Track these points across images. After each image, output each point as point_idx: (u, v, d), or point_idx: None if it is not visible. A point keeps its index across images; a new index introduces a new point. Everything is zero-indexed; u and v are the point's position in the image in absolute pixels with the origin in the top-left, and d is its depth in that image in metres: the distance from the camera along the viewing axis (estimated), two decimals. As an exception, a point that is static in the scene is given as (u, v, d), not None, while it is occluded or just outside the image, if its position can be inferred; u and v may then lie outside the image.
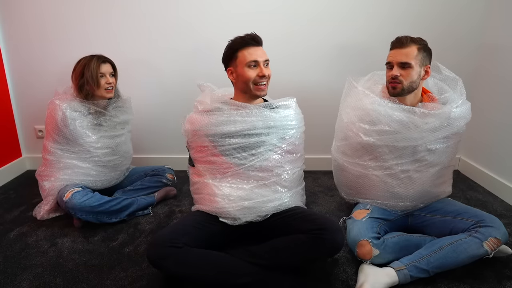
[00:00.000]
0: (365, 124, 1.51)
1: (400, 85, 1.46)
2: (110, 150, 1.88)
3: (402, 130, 1.44)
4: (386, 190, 1.53)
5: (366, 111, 1.50)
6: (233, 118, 1.42)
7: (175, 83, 2.30)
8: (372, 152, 1.52)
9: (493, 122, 2.08)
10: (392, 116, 1.44)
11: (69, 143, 1.79)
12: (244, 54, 1.41)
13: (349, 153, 1.61)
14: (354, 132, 1.54)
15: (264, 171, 1.45)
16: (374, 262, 1.34)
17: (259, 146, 1.44)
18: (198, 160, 1.51)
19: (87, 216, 1.68)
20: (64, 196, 1.68)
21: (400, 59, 1.44)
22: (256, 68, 1.42)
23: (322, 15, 2.15)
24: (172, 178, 2.10)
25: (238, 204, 1.39)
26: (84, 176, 1.82)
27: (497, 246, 1.30)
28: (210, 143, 1.44)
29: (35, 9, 2.21)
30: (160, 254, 1.23)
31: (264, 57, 1.43)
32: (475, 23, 2.14)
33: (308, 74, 2.26)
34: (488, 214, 1.41)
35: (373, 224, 1.46)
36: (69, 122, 1.75)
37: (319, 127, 2.20)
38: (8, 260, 1.49)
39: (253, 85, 1.43)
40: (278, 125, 1.45)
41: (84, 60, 1.79)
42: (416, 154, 1.47)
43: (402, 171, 1.49)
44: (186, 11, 2.18)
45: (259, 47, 1.43)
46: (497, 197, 2.02)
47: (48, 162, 1.81)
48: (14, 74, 2.35)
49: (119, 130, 1.94)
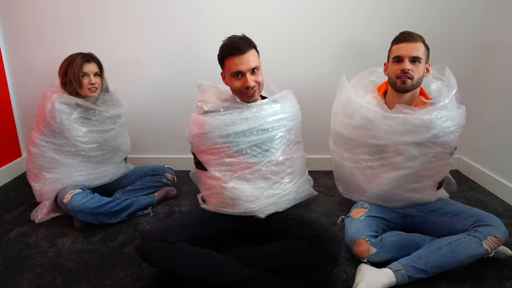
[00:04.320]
0: (343, 117, 1.60)
1: (411, 80, 1.43)
2: (97, 145, 1.84)
3: (371, 127, 1.49)
4: (353, 181, 1.62)
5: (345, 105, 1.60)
6: (245, 116, 1.41)
7: (175, 83, 2.30)
8: (349, 143, 1.61)
9: (493, 122, 2.08)
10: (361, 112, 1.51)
11: (55, 135, 1.75)
12: (230, 64, 1.38)
13: (336, 142, 1.71)
14: (336, 123, 1.67)
15: (279, 164, 1.46)
16: (372, 261, 1.35)
17: (271, 141, 1.45)
18: (211, 163, 1.45)
19: (88, 218, 1.68)
20: (64, 198, 1.67)
21: (412, 53, 1.42)
22: (242, 78, 1.38)
23: (323, 16, 2.15)
24: (172, 178, 2.10)
25: (263, 202, 1.41)
26: (71, 173, 1.79)
27: (497, 245, 1.30)
28: (224, 144, 1.41)
29: (34, 9, 2.21)
30: (150, 248, 1.24)
31: (250, 66, 1.36)
32: (475, 24, 2.14)
33: (307, 75, 2.26)
34: (487, 213, 1.41)
35: (370, 222, 1.46)
36: (56, 114, 1.72)
37: (319, 127, 2.19)
38: (8, 260, 1.49)
39: (240, 93, 1.42)
40: (284, 117, 1.47)
41: (70, 58, 1.76)
42: (384, 153, 1.50)
43: (368, 167, 1.55)
44: (186, 11, 2.18)
45: (243, 55, 1.35)
46: (497, 197, 2.02)
47: (32, 155, 1.77)
48: (14, 74, 2.35)
49: (109, 125, 1.89)
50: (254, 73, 1.39)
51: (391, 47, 1.52)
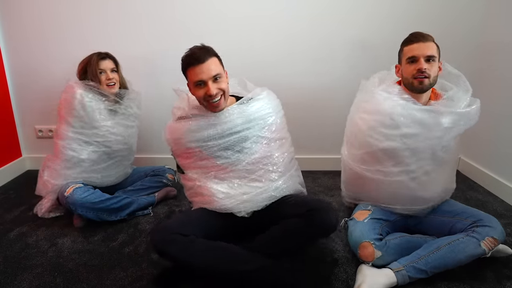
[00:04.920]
0: (386, 129, 1.45)
1: (428, 79, 1.41)
2: (122, 138, 1.89)
3: (423, 130, 1.41)
4: (410, 195, 1.48)
5: (387, 116, 1.44)
6: (212, 122, 1.42)
7: (174, 83, 2.29)
8: (394, 157, 1.46)
9: (493, 122, 2.08)
10: (415, 117, 1.41)
11: (84, 126, 1.78)
12: (191, 74, 1.39)
13: (369, 160, 1.52)
14: (375, 138, 1.47)
15: (255, 163, 1.45)
16: (376, 264, 1.34)
17: (244, 141, 1.45)
18: (187, 166, 1.51)
19: (88, 213, 1.68)
20: (65, 191, 1.68)
21: (427, 52, 1.41)
22: (204, 86, 1.38)
23: (323, 15, 2.15)
24: (172, 178, 2.10)
25: (237, 199, 1.42)
26: (87, 173, 1.81)
27: (494, 245, 1.30)
28: (196, 148, 1.45)
29: (34, 9, 2.21)
30: (166, 239, 1.25)
31: (211, 74, 1.36)
32: (475, 23, 2.14)
33: (307, 75, 2.26)
34: (485, 214, 1.41)
35: (375, 225, 1.45)
36: (87, 104, 1.76)
37: (319, 127, 2.20)
38: (8, 260, 1.49)
39: (206, 103, 1.42)
40: (256, 117, 1.46)
41: (87, 58, 1.82)
42: (434, 153, 1.45)
43: (424, 173, 1.46)
44: (186, 12, 2.18)
45: (203, 64, 1.36)
46: (497, 197, 2.02)
47: (58, 148, 1.78)
48: (14, 74, 2.35)
49: (132, 122, 1.96)
50: (216, 81, 1.39)
51: (401, 48, 1.50)
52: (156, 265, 1.44)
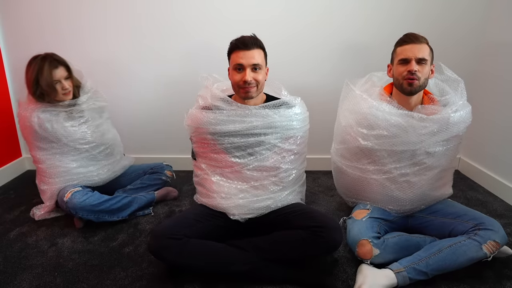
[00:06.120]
0: (363, 129, 1.49)
1: (418, 81, 1.42)
2: (98, 135, 1.84)
3: (401, 134, 1.42)
4: (385, 193, 1.52)
5: (363, 115, 1.48)
6: (232, 118, 1.42)
7: (174, 83, 2.30)
8: (370, 156, 1.51)
9: (493, 122, 2.08)
10: (390, 120, 1.43)
11: (53, 146, 1.75)
12: (234, 57, 1.42)
13: (347, 156, 1.60)
14: (352, 136, 1.53)
15: (262, 170, 1.46)
16: (374, 262, 1.34)
17: (258, 146, 1.44)
18: (200, 154, 1.53)
19: (88, 215, 1.68)
20: (64, 196, 1.68)
21: (418, 55, 1.41)
22: (242, 72, 1.41)
23: (323, 16, 2.15)
24: (171, 175, 2.10)
25: (232, 201, 1.43)
26: (82, 174, 1.80)
27: (496, 249, 1.30)
28: (212, 140, 1.46)
29: (34, 9, 2.21)
30: (161, 245, 1.29)
31: (252, 62, 1.39)
32: (475, 23, 2.14)
33: (309, 76, 2.26)
34: (487, 217, 1.41)
35: (373, 224, 1.45)
36: (46, 125, 1.70)
37: (319, 127, 2.19)
38: (8, 260, 1.49)
39: (238, 88, 1.43)
40: (278, 126, 1.44)
41: (35, 66, 1.67)
42: (415, 157, 1.46)
43: (400, 174, 1.48)
44: (186, 12, 2.18)
45: (248, 51, 1.39)
46: (497, 197, 2.02)
47: (42, 170, 1.77)
48: (14, 74, 2.35)
49: (98, 119, 1.88)
50: (255, 71, 1.41)
51: (395, 49, 1.50)
52: (156, 265, 1.44)
